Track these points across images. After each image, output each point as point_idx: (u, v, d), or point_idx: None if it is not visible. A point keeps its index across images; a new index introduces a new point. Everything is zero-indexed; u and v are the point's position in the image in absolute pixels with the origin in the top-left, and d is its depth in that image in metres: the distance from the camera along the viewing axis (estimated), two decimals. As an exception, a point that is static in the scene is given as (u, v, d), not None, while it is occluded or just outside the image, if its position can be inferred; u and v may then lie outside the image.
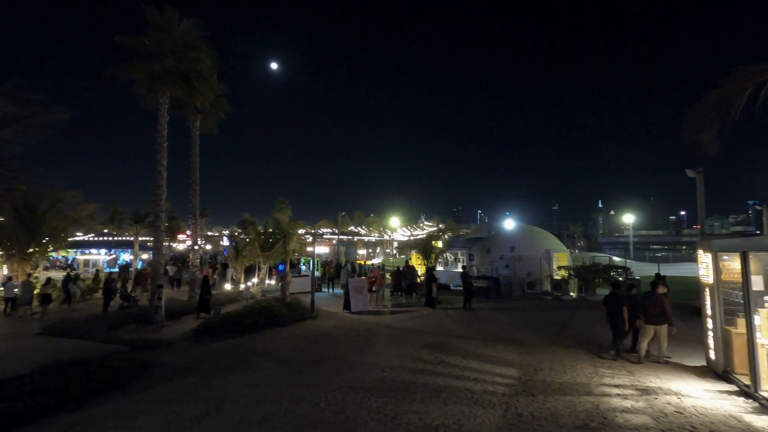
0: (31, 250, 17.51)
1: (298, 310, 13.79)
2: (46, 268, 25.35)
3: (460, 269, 25.00)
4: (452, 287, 23.03)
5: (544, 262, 20.45)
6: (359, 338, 11.00)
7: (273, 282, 24.58)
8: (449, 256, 25.95)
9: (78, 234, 34.73)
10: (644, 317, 8.74)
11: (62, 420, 5.94)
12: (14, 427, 5.68)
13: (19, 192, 7.22)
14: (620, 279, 19.04)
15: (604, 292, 19.07)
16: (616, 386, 7.16)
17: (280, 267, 22.44)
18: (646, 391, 6.90)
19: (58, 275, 23.61)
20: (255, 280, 22.68)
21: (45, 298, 15.16)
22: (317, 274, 21.50)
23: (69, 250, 36.17)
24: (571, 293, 19.53)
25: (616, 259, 28.97)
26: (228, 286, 21.92)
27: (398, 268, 21.47)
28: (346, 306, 15.57)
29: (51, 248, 21.37)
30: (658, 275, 10.77)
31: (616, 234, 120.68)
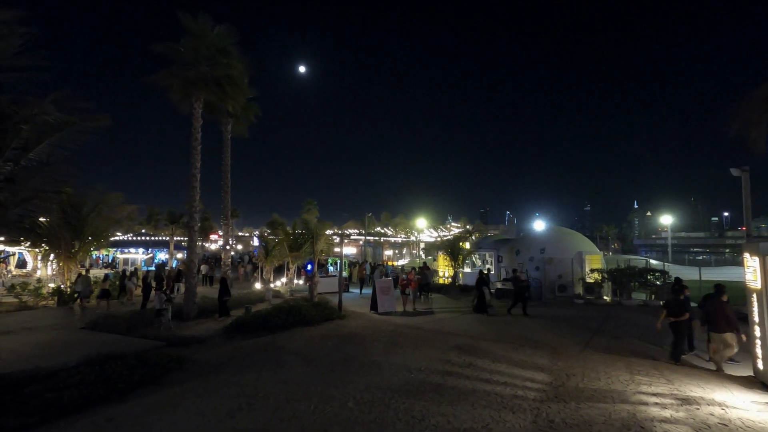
0: (75, 248, 18.49)
1: (326, 310, 13.96)
2: (89, 266, 26.64)
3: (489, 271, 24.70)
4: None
5: (576, 265, 19.87)
6: (386, 339, 11.03)
7: (301, 282, 24.99)
8: (477, 257, 25.64)
9: (118, 234, 36.44)
10: (708, 325, 8.47)
11: (106, 411, 6.24)
12: (62, 417, 6.00)
13: (65, 194, 7.65)
14: (658, 282, 18.28)
15: (640, 296, 18.39)
16: (654, 395, 6.88)
17: (309, 267, 22.77)
18: (687, 401, 6.59)
19: (100, 273, 24.83)
20: (284, 279, 23.13)
21: (104, 293, 16.10)
22: (345, 274, 21.72)
23: (109, 249, 37.99)
24: (605, 297, 18.89)
25: (653, 262, 27.77)
26: (258, 285, 22.44)
27: (414, 269, 21.42)
28: (373, 307, 15.63)
29: (93, 247, 22.50)
30: (718, 285, 9.96)
31: (653, 236, 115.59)
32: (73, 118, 5.76)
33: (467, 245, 24.28)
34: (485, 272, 17.82)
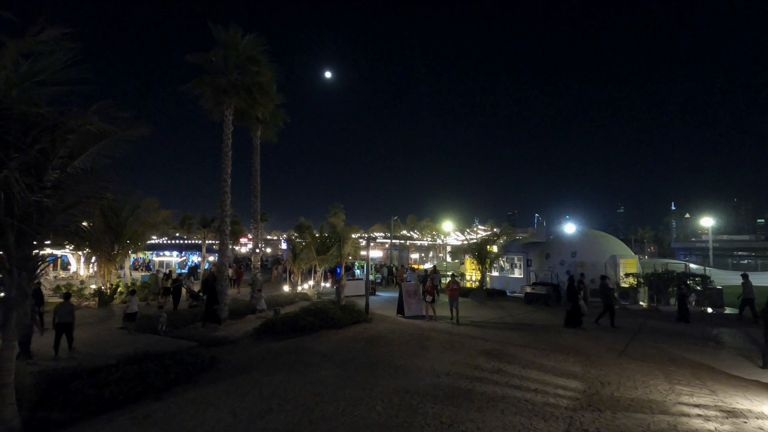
0: (115, 251, 19.36)
1: (353, 313, 14.03)
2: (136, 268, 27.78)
3: (517, 275, 24.25)
4: (508, 293, 22.34)
5: (610, 269, 19.23)
6: (414, 343, 10.97)
7: (328, 284, 25.23)
8: (504, 261, 25.20)
9: (153, 237, 37.91)
10: None
11: (144, 408, 6.48)
12: (104, 412, 6.28)
13: (106, 199, 8.03)
14: (698, 288, 17.44)
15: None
16: (697, 406, 6.54)
17: (338, 271, 23.00)
18: (732, 413, 6.24)
19: (137, 275, 25.90)
20: (311, 282, 23.41)
21: (166, 291, 16.99)
22: (371, 277, 21.80)
23: (146, 252, 39.55)
24: (641, 302, 18.18)
25: (692, 266, 26.50)
26: (286, 288, 22.81)
27: (426, 272, 21.24)
28: (400, 310, 15.59)
29: (131, 250, 23.48)
30: None
31: (693, 239, 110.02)
32: (114, 128, 6.04)
33: (495, 248, 23.89)
34: (577, 278, 15.06)
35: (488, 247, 22.85)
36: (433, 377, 7.97)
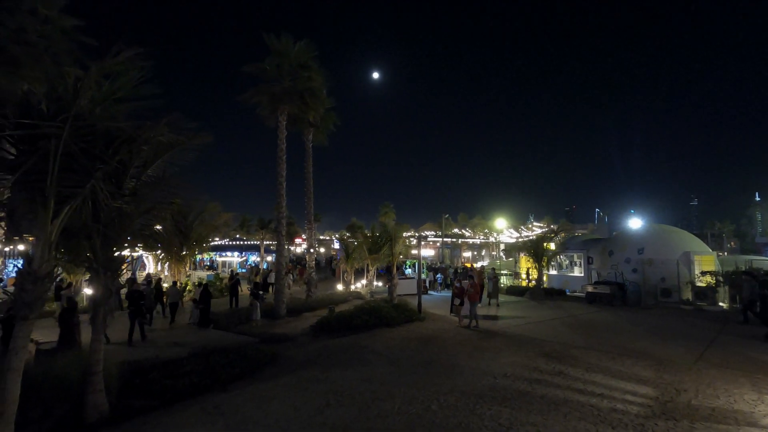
0: (183, 252, 20.86)
1: (406, 312, 14.06)
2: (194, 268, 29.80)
3: (577, 273, 23.07)
4: (568, 293, 21.31)
5: (683, 267, 17.74)
6: (468, 343, 10.80)
7: (380, 284, 25.46)
8: (563, 258, 24.04)
9: (216, 239, 40.31)
10: None
11: (212, 399, 6.93)
12: (178, 401, 6.80)
13: (176, 204, 8.70)
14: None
15: None
16: (792, 419, 5.86)
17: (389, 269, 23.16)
18: (837, 429, 5.52)
19: (202, 274, 27.70)
20: (364, 281, 23.75)
21: (256, 285, 18.33)
22: (424, 276, 21.72)
23: (209, 252, 42.18)
24: (720, 303, 16.59)
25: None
26: (339, 287, 23.32)
27: (456, 269, 20.65)
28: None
29: (197, 251, 25.15)
30: None
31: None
32: (182, 138, 6.53)
33: (552, 246, 22.85)
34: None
35: (545, 244, 21.89)
36: (490, 378, 7.79)
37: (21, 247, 5.55)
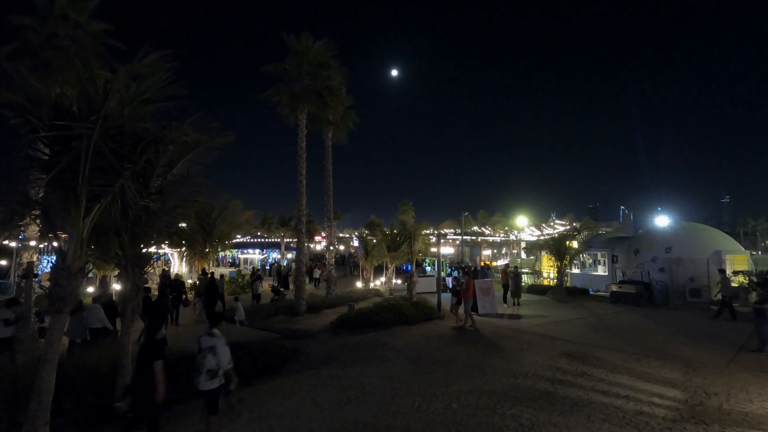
0: (206, 249, 21.37)
1: (425, 310, 14.03)
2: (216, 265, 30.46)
3: (601, 272, 22.56)
4: (591, 292, 20.85)
5: (714, 266, 17.10)
6: (489, 341, 10.70)
7: (399, 281, 25.48)
8: (586, 257, 23.52)
9: (238, 236, 41.09)
10: None
11: (236, 393, 7.04)
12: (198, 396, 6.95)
13: (199, 202, 8.91)
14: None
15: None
16: (832, 426, 5.60)
17: (408, 267, 23.13)
18: None
19: (225, 271, 28.29)
20: (383, 279, 23.83)
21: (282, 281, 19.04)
22: (443, 274, 21.59)
23: (231, 249, 43.05)
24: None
25: (822, 263, 22.60)
26: (359, 284, 23.45)
27: (474, 268, 20.67)
28: (473, 308, 15.25)
29: (220, 248, 25.73)
30: None
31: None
32: (206, 137, 6.68)
33: (575, 244, 22.37)
34: None
35: (567, 242, 21.45)
36: (511, 377, 7.71)
37: (54, 244, 5.75)
